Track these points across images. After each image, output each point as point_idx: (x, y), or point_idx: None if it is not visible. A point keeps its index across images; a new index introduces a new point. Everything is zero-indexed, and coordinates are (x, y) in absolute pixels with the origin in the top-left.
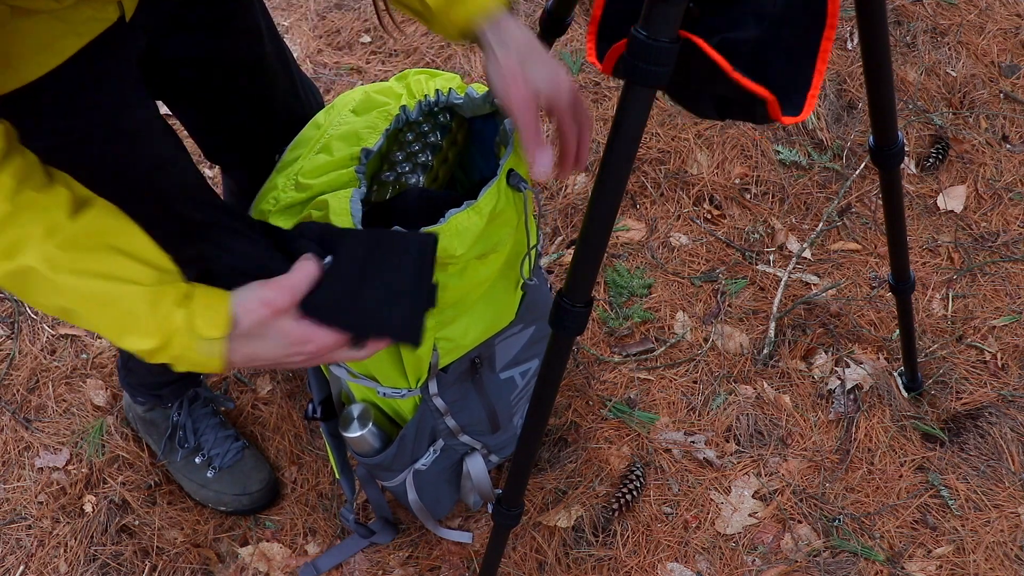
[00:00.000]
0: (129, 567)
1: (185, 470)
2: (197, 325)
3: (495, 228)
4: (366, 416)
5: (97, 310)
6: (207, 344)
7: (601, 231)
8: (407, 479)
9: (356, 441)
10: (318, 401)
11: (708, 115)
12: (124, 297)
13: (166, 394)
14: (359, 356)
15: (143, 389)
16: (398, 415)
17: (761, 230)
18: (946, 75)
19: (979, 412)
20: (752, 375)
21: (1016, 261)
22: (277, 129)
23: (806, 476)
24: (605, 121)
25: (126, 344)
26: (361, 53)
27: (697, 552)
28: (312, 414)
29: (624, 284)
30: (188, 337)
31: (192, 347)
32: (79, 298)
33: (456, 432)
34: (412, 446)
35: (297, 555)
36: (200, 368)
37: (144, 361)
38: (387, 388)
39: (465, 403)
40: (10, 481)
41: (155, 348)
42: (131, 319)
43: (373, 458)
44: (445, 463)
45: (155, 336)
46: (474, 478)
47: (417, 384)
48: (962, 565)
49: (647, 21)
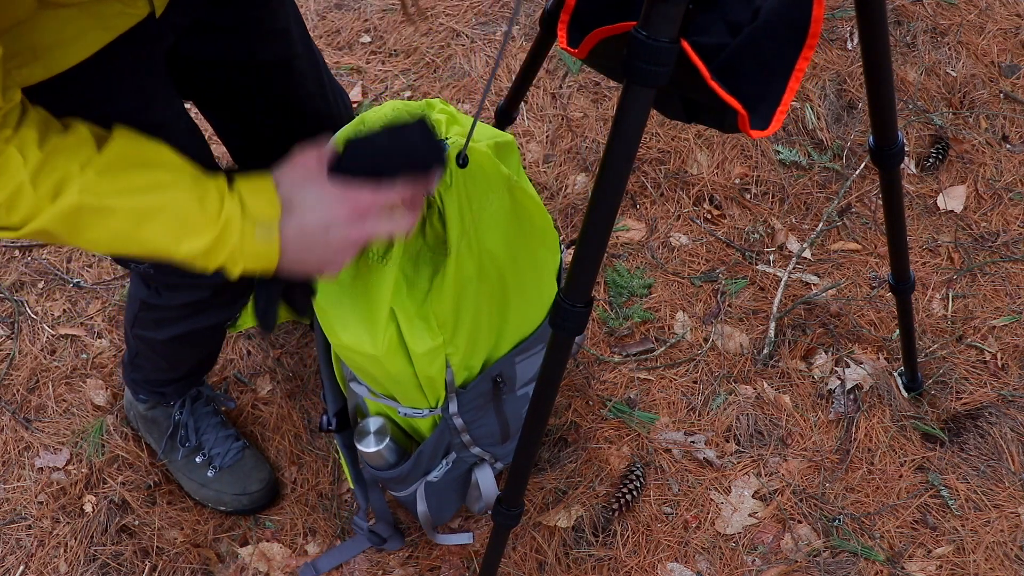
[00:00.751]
0: (129, 567)
1: (185, 469)
2: (249, 206)
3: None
4: (383, 432)
5: (149, 224)
6: (262, 229)
7: (601, 231)
8: (419, 490)
9: (371, 456)
10: (333, 412)
11: (676, 116)
12: (171, 202)
13: (169, 392)
14: (399, 225)
15: (147, 386)
16: (415, 431)
17: (761, 230)
18: (946, 75)
19: (979, 412)
20: (752, 375)
21: (1016, 261)
22: (305, 134)
23: (806, 476)
24: (605, 121)
25: (184, 250)
26: (361, 53)
27: (697, 552)
28: (327, 426)
29: (624, 284)
30: (243, 222)
31: (249, 233)
32: (129, 216)
33: (469, 445)
34: (427, 461)
35: (297, 555)
36: (257, 260)
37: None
38: (407, 408)
39: (483, 420)
40: (10, 481)
41: (212, 243)
42: (183, 221)
43: (387, 472)
44: (455, 473)
45: (211, 229)
46: (483, 489)
47: (437, 404)
48: (962, 565)
49: (647, 21)
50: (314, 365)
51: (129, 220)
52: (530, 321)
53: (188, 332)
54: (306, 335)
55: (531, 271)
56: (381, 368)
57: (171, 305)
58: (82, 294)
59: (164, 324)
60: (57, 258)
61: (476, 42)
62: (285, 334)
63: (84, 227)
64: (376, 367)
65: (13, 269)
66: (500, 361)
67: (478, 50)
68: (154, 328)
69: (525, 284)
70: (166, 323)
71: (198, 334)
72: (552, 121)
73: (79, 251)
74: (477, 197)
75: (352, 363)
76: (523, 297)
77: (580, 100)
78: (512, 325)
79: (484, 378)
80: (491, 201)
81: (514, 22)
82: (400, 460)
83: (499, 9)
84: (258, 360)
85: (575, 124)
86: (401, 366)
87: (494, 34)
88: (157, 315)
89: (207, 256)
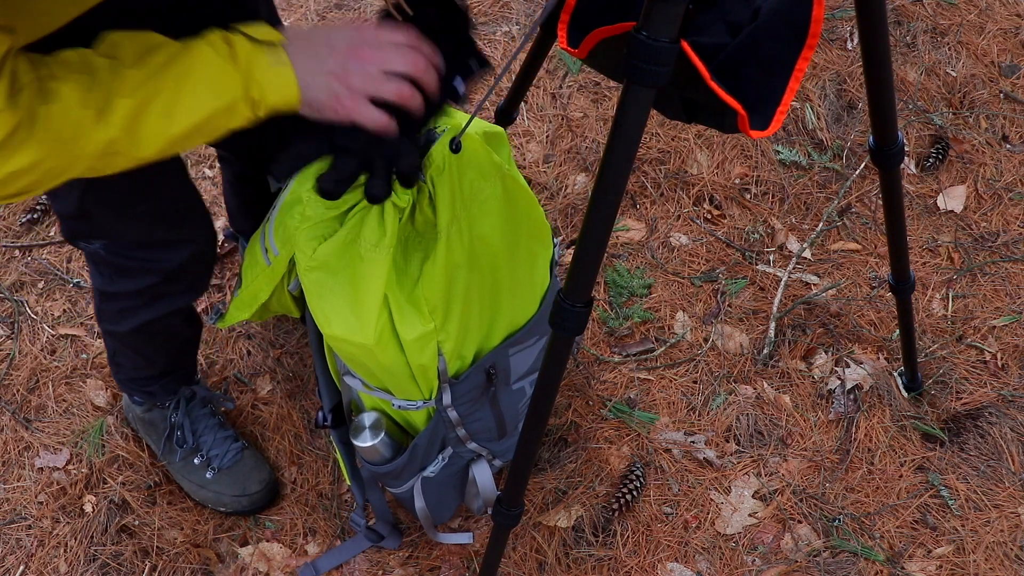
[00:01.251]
0: (129, 567)
1: (184, 471)
2: (252, 34)
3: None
4: (378, 426)
5: (185, 89)
6: (271, 51)
7: (601, 231)
8: (415, 486)
9: (367, 451)
10: (328, 409)
11: (676, 117)
12: (190, 60)
13: (157, 391)
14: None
15: (133, 386)
16: (409, 424)
17: (761, 230)
18: (946, 75)
19: (979, 412)
20: (752, 375)
21: (1016, 261)
22: None
23: (806, 476)
24: (605, 121)
25: (226, 100)
26: None
27: (697, 552)
28: (323, 422)
29: (624, 284)
30: (253, 48)
31: (263, 59)
32: (167, 91)
33: (465, 440)
34: (423, 455)
35: (297, 555)
36: (278, 91)
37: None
38: (401, 400)
39: (478, 413)
40: (10, 481)
41: (244, 81)
42: (209, 72)
43: (383, 466)
44: (451, 469)
45: (235, 73)
46: (480, 485)
47: (431, 396)
48: (962, 565)
49: (647, 21)
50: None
51: (172, 97)
52: (523, 312)
53: (149, 322)
54: (306, 335)
55: (524, 262)
56: (374, 358)
57: (126, 292)
58: (82, 294)
59: (125, 315)
60: (57, 258)
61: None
62: (285, 334)
63: (140, 126)
64: (369, 357)
65: (13, 269)
66: (493, 352)
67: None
68: (117, 320)
69: (518, 274)
70: (127, 313)
71: (160, 324)
72: (552, 121)
73: (79, 252)
74: (469, 183)
75: (345, 354)
76: (515, 287)
77: (580, 100)
78: (504, 315)
79: (477, 369)
80: (482, 188)
81: (539, 22)
82: (396, 455)
83: (499, 9)
84: (258, 360)
85: (575, 124)
86: (394, 355)
87: (494, 34)
88: (116, 305)
89: (248, 102)
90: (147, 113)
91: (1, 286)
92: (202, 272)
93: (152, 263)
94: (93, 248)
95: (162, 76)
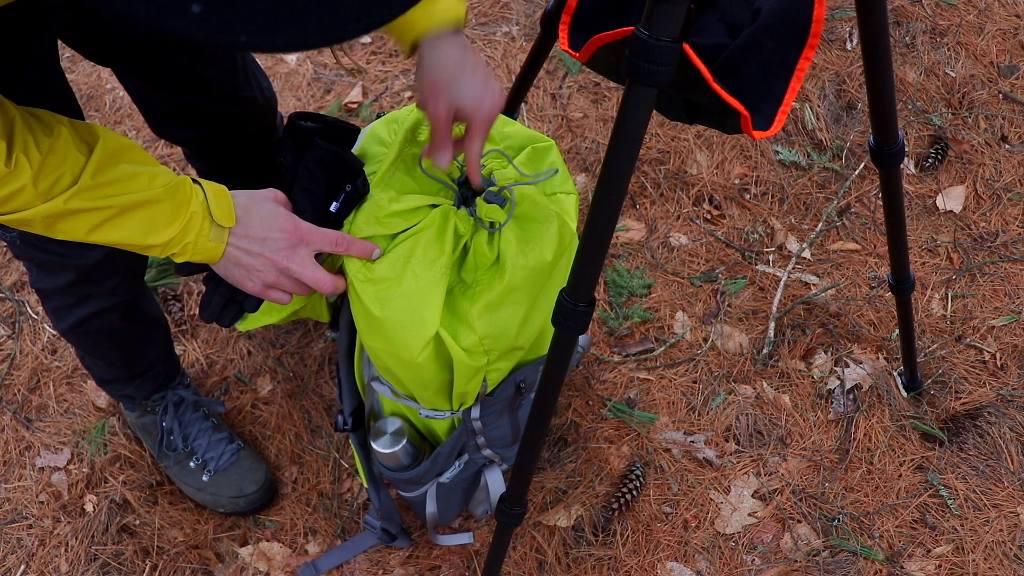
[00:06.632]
0: (130, 567)
1: (181, 474)
2: (212, 207)
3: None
4: (400, 433)
5: (124, 220)
6: (217, 231)
7: (603, 231)
8: (430, 491)
9: (387, 456)
10: (348, 412)
11: (677, 118)
12: (147, 200)
13: (132, 393)
14: (302, 283)
15: (109, 388)
16: (430, 431)
17: (761, 230)
18: (945, 75)
19: (978, 412)
20: (752, 375)
21: (1015, 261)
22: (222, 109)
23: (805, 476)
24: (605, 121)
25: (149, 241)
26: (361, 53)
27: (697, 552)
28: (343, 426)
29: (624, 284)
30: (203, 220)
31: (206, 232)
32: (107, 214)
33: (482, 447)
34: (443, 462)
35: (297, 555)
36: (202, 256)
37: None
38: (428, 410)
39: (498, 422)
40: (11, 481)
41: (175, 236)
42: (154, 218)
43: (402, 472)
44: (465, 474)
45: (177, 222)
46: (492, 490)
47: (460, 408)
48: (961, 565)
49: (649, 20)
50: (314, 365)
51: (106, 217)
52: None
53: (82, 320)
54: (306, 335)
55: (564, 278)
56: (414, 373)
57: (53, 289)
58: None
59: (60, 313)
60: None
61: (476, 43)
62: (285, 334)
63: (63, 222)
64: (408, 371)
65: (14, 269)
66: (526, 367)
67: (478, 51)
68: (57, 319)
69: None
70: (62, 312)
71: (96, 322)
72: (552, 121)
73: None
74: (529, 230)
75: (381, 364)
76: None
77: (580, 100)
78: (546, 336)
79: (509, 383)
80: (542, 233)
81: None
82: (413, 463)
83: (499, 10)
84: (258, 360)
85: (575, 124)
86: (435, 373)
87: (494, 35)
88: (51, 303)
89: (166, 247)
90: (77, 220)
91: (2, 286)
92: (127, 275)
93: (66, 259)
94: (10, 237)
95: (111, 198)
